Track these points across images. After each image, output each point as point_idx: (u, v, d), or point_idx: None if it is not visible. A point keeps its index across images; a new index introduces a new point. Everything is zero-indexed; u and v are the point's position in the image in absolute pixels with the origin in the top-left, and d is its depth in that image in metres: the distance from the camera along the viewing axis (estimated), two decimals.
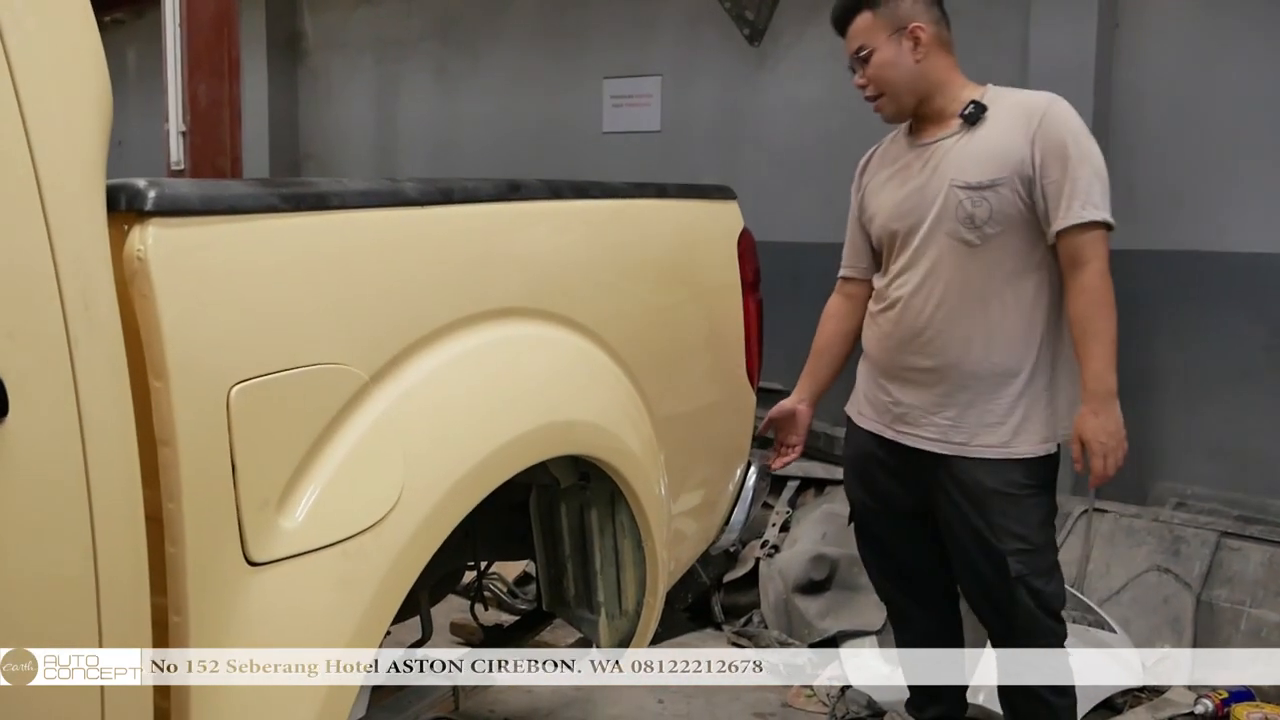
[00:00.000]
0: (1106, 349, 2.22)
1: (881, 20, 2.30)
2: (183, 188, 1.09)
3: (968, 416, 2.30)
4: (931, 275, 2.29)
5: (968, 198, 2.22)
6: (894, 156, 2.44)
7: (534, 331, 1.61)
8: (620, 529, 1.97)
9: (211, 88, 4.42)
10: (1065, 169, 2.17)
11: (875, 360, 2.47)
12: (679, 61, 4.99)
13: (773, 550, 3.79)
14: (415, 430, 1.31)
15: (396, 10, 6.00)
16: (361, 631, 1.21)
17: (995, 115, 2.25)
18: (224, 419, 1.08)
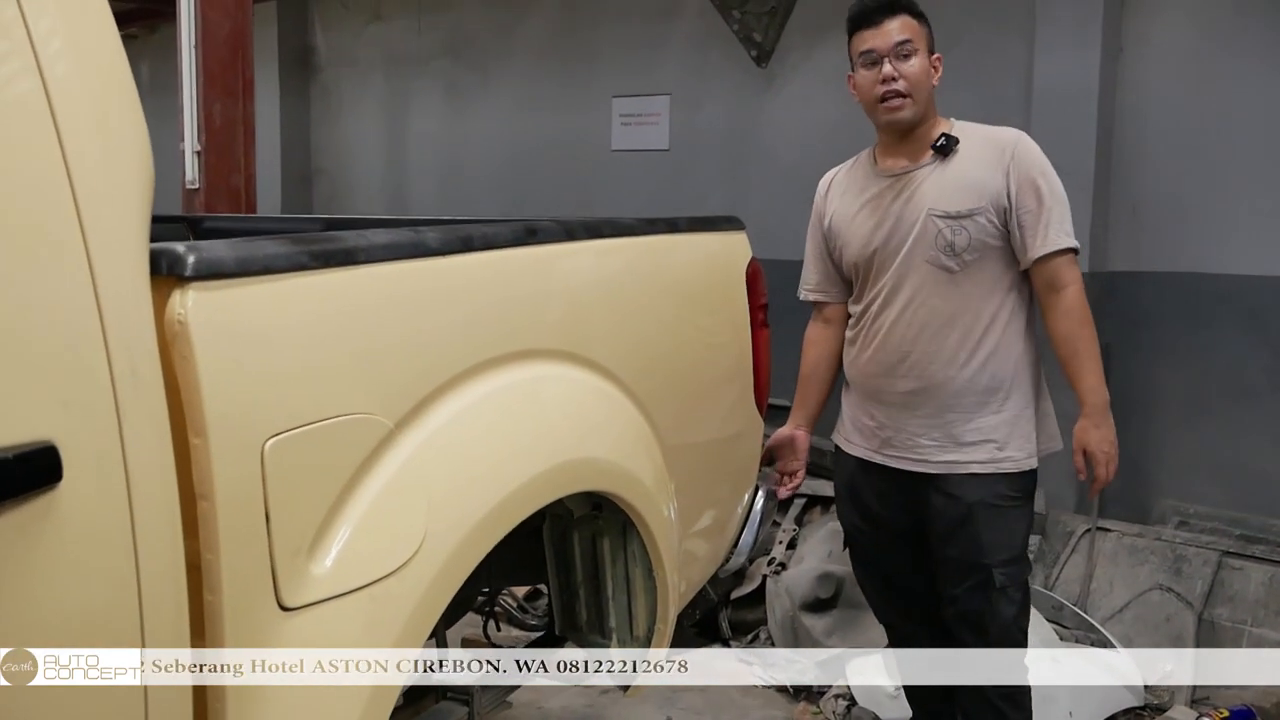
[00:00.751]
0: (1096, 364, 2.33)
1: (925, 33, 2.35)
2: (219, 250, 1.15)
3: (954, 435, 2.36)
4: (912, 301, 2.36)
5: (947, 226, 2.30)
6: (860, 186, 2.48)
7: (549, 372, 1.67)
8: (632, 557, 2.02)
9: (226, 107, 4.49)
10: (1040, 200, 2.28)
11: (859, 386, 2.52)
12: (687, 81, 5.05)
13: (780, 568, 3.84)
14: (437, 474, 1.37)
15: (407, 28, 6.07)
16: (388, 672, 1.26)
17: (966, 148, 2.33)
18: (259, 472, 1.14)
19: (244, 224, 3.47)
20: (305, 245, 1.25)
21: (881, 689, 3.31)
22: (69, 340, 0.98)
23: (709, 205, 4.91)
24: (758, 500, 2.62)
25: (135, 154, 1.09)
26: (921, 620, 2.66)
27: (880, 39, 2.31)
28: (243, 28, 4.54)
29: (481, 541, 1.43)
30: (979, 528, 2.35)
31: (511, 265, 1.63)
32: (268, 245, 1.21)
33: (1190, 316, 3.84)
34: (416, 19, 6.00)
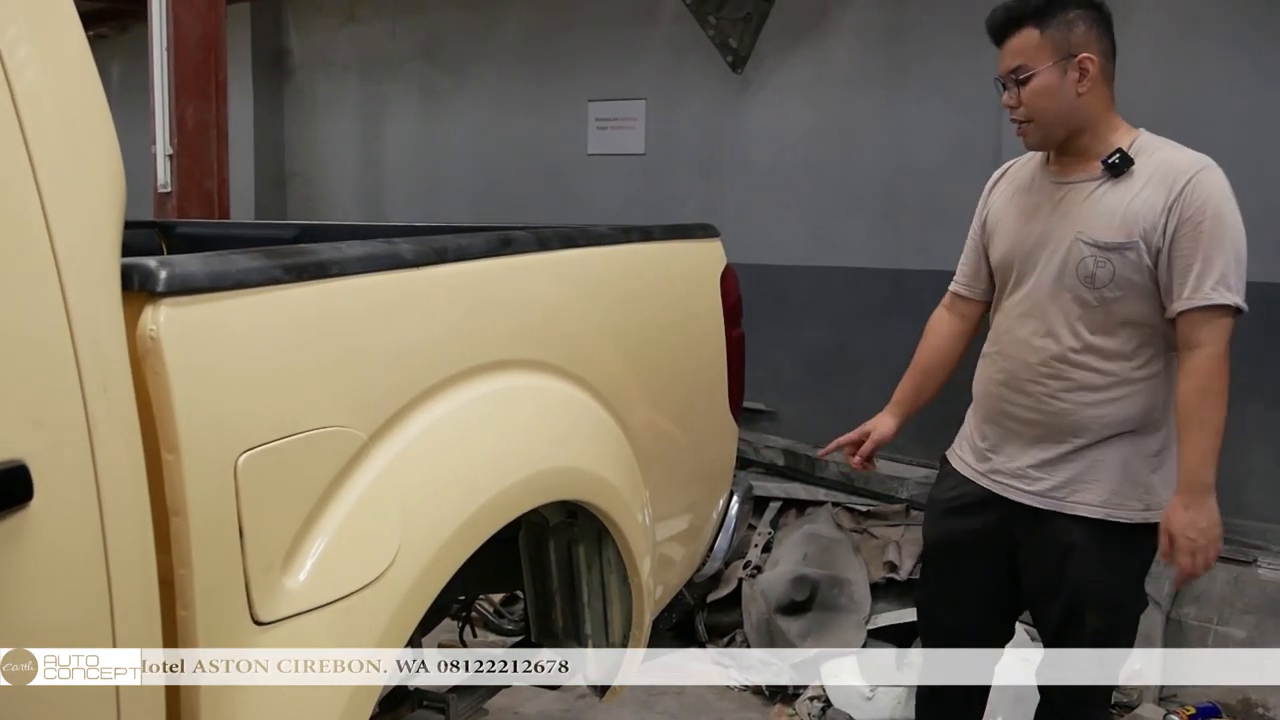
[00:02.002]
0: (1209, 441, 2.04)
1: (1049, 42, 2.09)
2: (191, 265, 1.15)
3: (1068, 473, 2.18)
4: (1043, 324, 2.18)
5: (1092, 256, 2.10)
6: (1025, 184, 2.29)
7: (524, 382, 1.67)
8: (607, 564, 2.03)
9: (199, 110, 4.47)
10: (1198, 244, 2.03)
11: (980, 405, 2.37)
12: (663, 86, 5.06)
13: (755, 571, 3.86)
14: (412, 486, 1.37)
15: (382, 30, 6.05)
16: (362, 686, 1.27)
17: (1140, 170, 2.09)
18: (232, 487, 1.14)
19: (217, 230, 3.45)
20: (278, 259, 1.26)
21: (856, 689, 3.33)
22: (39, 358, 0.98)
23: (684, 209, 4.93)
24: (733, 504, 2.64)
25: (106, 166, 1.09)
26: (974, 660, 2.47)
27: (1001, 63, 2.15)
28: (215, 29, 4.51)
29: (457, 552, 1.43)
30: (1080, 569, 2.19)
31: (486, 276, 1.63)
32: (240, 259, 1.21)
33: None
34: (391, 22, 5.99)
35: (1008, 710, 3.00)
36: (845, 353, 4.58)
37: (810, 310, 4.66)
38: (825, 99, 4.61)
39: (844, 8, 4.53)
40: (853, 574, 3.73)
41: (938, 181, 4.27)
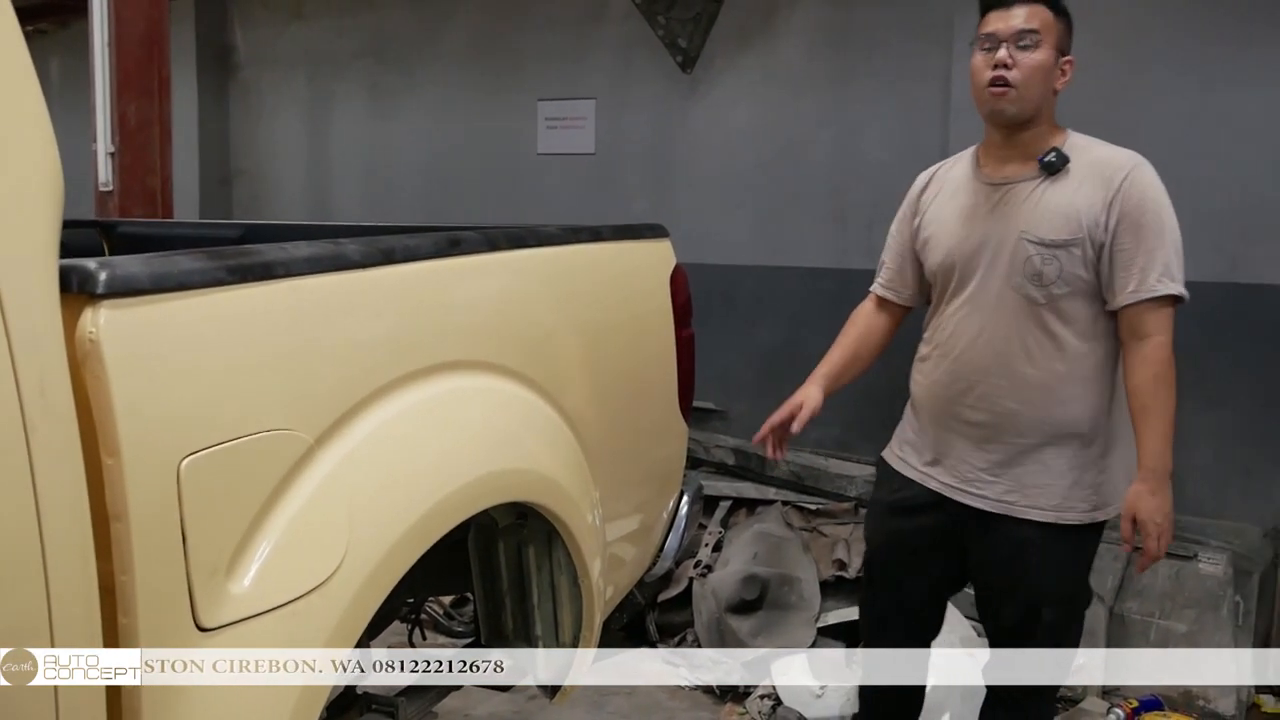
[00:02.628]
0: (1166, 426, 2.09)
1: (1058, 29, 2.15)
2: (132, 266, 1.13)
3: (1018, 476, 2.20)
4: (990, 326, 2.19)
5: (1038, 254, 2.12)
6: (958, 186, 2.31)
7: (472, 383, 1.66)
8: (557, 565, 2.03)
9: (141, 107, 4.39)
10: (1140, 238, 2.09)
11: (924, 408, 2.36)
12: (613, 85, 5.06)
13: (706, 570, 3.87)
14: (360, 489, 1.36)
15: (329, 27, 5.99)
16: (309, 690, 1.25)
17: (1075, 168, 2.13)
18: (175, 491, 1.12)
19: (160, 229, 3.40)
20: (222, 260, 1.24)
21: (806, 688, 3.35)
22: None
23: (634, 208, 4.93)
24: (683, 504, 2.65)
25: (43, 164, 1.07)
26: (911, 644, 2.52)
27: (1004, 22, 2.12)
28: (158, 25, 4.44)
29: (405, 555, 1.42)
30: (1035, 570, 2.21)
31: (434, 277, 1.62)
32: (183, 260, 1.20)
33: None
34: (339, 19, 5.93)
35: (955, 707, 3.03)
36: (794, 352, 4.59)
37: (759, 309, 4.68)
38: (774, 99, 4.64)
39: (792, 9, 4.56)
40: (802, 572, 3.76)
41: (884, 181, 4.29)
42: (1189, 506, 3.81)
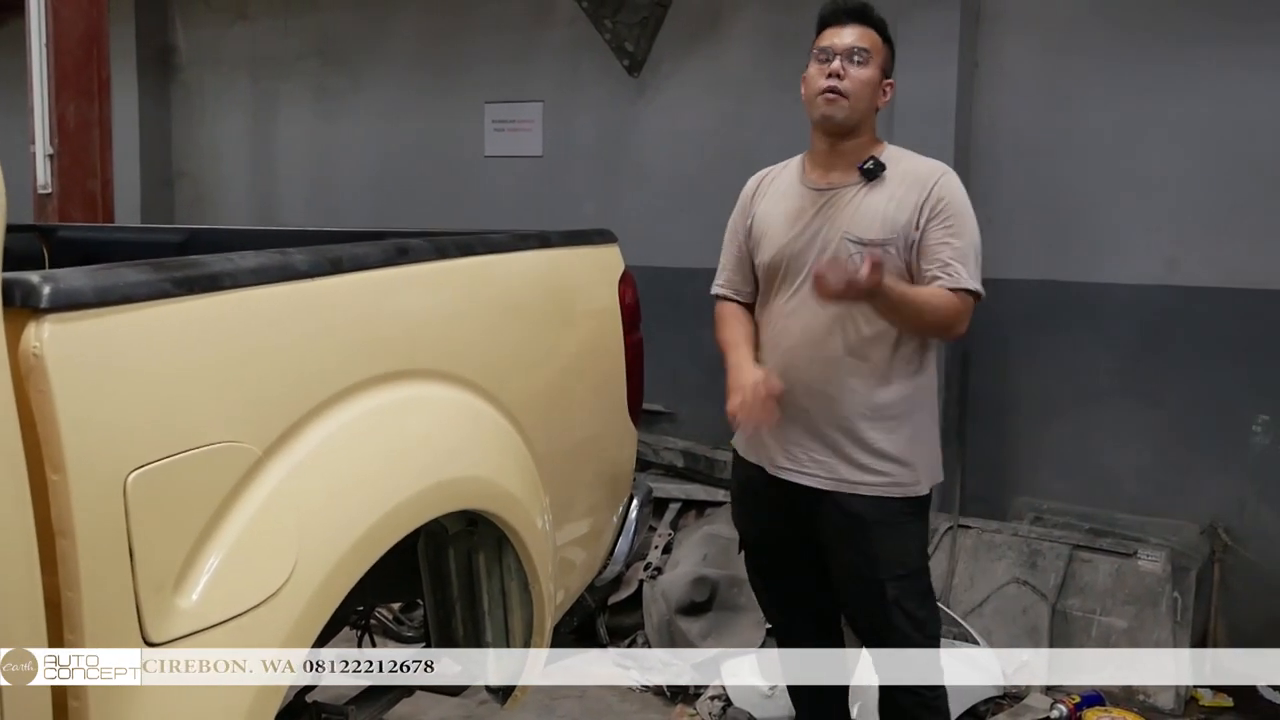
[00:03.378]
0: (911, 296, 2.25)
1: (884, 51, 2.42)
2: (76, 279, 1.12)
3: (848, 455, 2.39)
4: (812, 320, 2.39)
5: (858, 252, 2.29)
6: (785, 190, 2.51)
7: (422, 392, 1.66)
8: (507, 571, 2.03)
9: (81, 108, 4.33)
10: (945, 235, 2.31)
11: None
12: (560, 88, 5.07)
13: (655, 572, 3.89)
14: (309, 501, 1.36)
15: (273, 28, 5.93)
16: (259, 702, 1.25)
17: (891, 176, 2.36)
18: (121, 506, 1.11)
19: (101, 234, 3.35)
20: (168, 272, 1.23)
21: (756, 689, 3.38)
22: None
23: (582, 211, 4.93)
24: (633, 508, 2.66)
25: None
26: (806, 623, 2.72)
27: (838, 38, 2.36)
28: (98, 25, 4.37)
29: (356, 565, 1.42)
30: (869, 542, 2.40)
31: (382, 286, 1.62)
32: (128, 273, 1.19)
33: (1042, 323, 4.03)
34: (284, 20, 5.87)
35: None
36: None
37: (708, 312, 4.68)
38: (720, 103, 4.67)
39: (737, 14, 4.60)
40: None
41: None
42: (1127, 505, 3.91)
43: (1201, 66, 3.75)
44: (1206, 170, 3.78)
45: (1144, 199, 3.85)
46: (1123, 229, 3.91)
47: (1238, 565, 3.78)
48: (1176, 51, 3.79)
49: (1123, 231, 3.91)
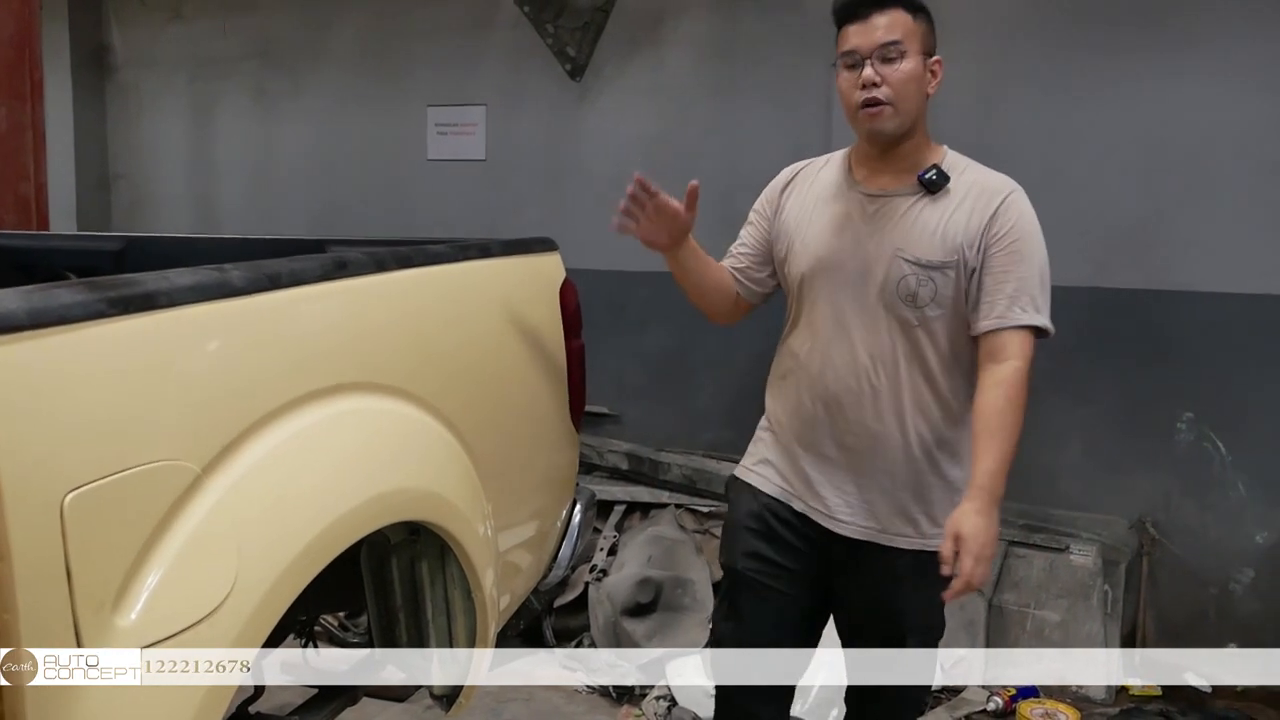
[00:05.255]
0: (1008, 450, 1.98)
1: (920, 30, 2.05)
2: (10, 301, 1.12)
3: (885, 502, 2.13)
4: (859, 345, 2.10)
5: (913, 274, 2.04)
6: (828, 191, 2.19)
7: (362, 405, 1.67)
8: (450, 579, 2.05)
9: (13, 111, 4.26)
10: (1010, 265, 2.02)
11: (787, 428, 2.24)
12: (503, 92, 5.08)
13: (601, 575, 3.92)
14: (248, 516, 1.37)
15: (211, 29, 5.86)
16: (201, 716, 1.26)
17: (954, 189, 2.07)
18: (58, 528, 1.12)
19: (34, 242, 3.31)
20: (103, 291, 1.23)
21: (701, 688, 3.42)
22: None
23: (525, 214, 4.95)
24: (576, 512, 2.69)
25: None
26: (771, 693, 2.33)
27: (864, 37, 2.02)
28: (29, 26, 4.30)
29: (297, 578, 1.43)
30: (897, 600, 2.15)
31: (321, 301, 1.63)
32: (63, 293, 1.19)
33: None
34: (222, 20, 5.81)
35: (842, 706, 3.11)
36: (685, 356, 4.68)
37: (650, 315, 4.74)
38: (662, 107, 4.71)
39: (679, 19, 4.64)
40: (696, 574, 3.83)
41: None
42: (1060, 501, 4.01)
43: (1125, 76, 3.86)
44: (1131, 176, 3.89)
45: (1073, 204, 3.95)
46: (1053, 232, 3.97)
47: (1164, 558, 3.90)
48: (1101, 61, 3.89)
49: (1053, 235, 3.97)
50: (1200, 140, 3.77)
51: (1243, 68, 3.70)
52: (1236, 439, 3.82)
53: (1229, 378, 3.80)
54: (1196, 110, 3.77)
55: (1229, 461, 3.82)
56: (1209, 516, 3.86)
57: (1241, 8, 3.70)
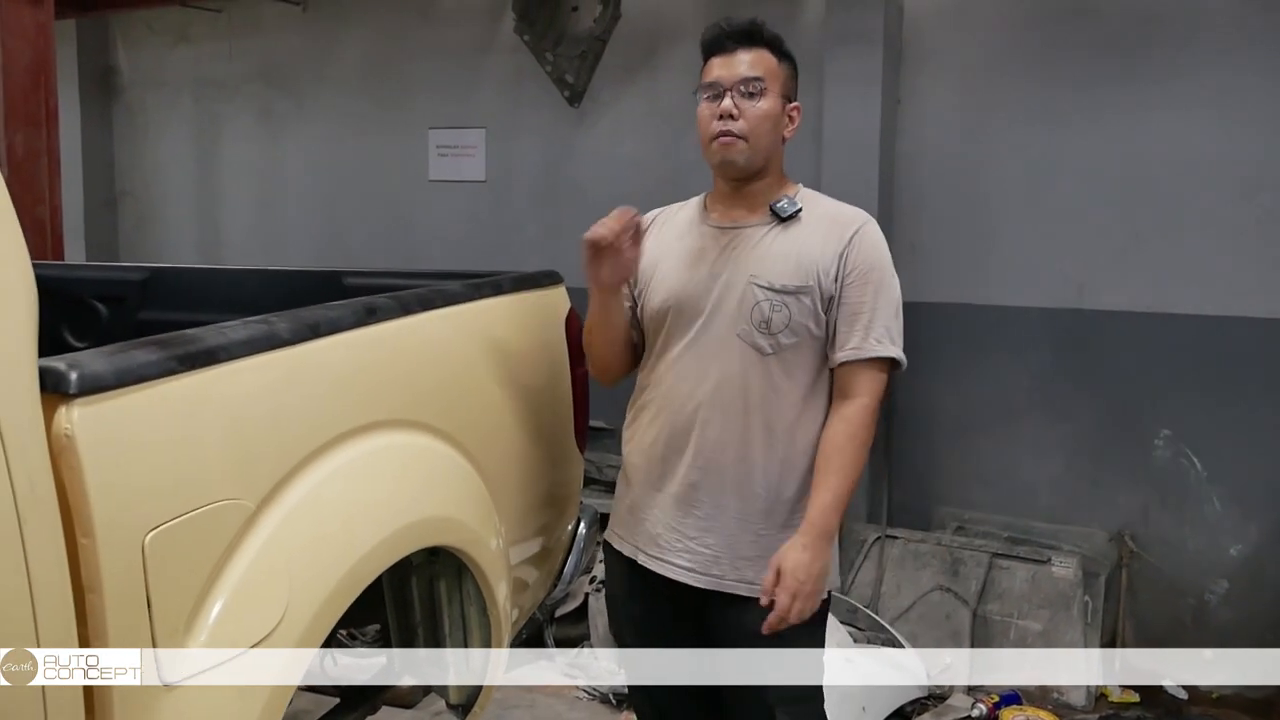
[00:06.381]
0: (845, 486, 1.96)
1: (782, 73, 2.07)
2: (98, 364, 1.27)
3: (730, 545, 2.03)
4: (709, 376, 2.04)
5: (766, 300, 2.00)
6: (684, 231, 2.18)
7: (390, 441, 1.82)
8: (467, 597, 2.19)
9: (29, 137, 4.40)
10: (865, 294, 2.00)
11: (635, 467, 2.18)
12: (502, 116, 5.22)
13: (601, 585, 4.06)
14: (296, 547, 1.52)
15: (217, 52, 6.00)
16: None
17: (807, 218, 2.06)
18: (140, 563, 1.27)
19: (60, 272, 3.45)
20: (172, 350, 1.38)
21: None
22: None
23: (524, 235, 5.10)
24: (580, 528, 2.83)
25: (20, 278, 1.21)
26: None
27: (727, 69, 2.04)
28: (44, 54, 4.45)
29: (339, 603, 1.59)
30: (753, 660, 2.02)
31: (354, 346, 1.78)
32: (139, 354, 1.34)
33: (963, 343, 4.29)
34: (227, 43, 5.95)
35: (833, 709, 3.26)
36: None
37: None
38: (658, 132, 4.86)
39: (673, 47, 4.79)
40: None
41: None
42: (1042, 514, 4.17)
43: (1104, 107, 4.02)
44: (1110, 202, 4.06)
45: (1054, 228, 4.12)
46: (1035, 256, 4.17)
47: (1143, 570, 4.06)
48: (1082, 93, 4.06)
49: (1035, 258, 4.17)
50: (1176, 168, 3.94)
51: (1216, 99, 3.87)
52: (1212, 455, 3.98)
53: (1205, 397, 3.96)
54: (1173, 139, 3.94)
55: (1205, 477, 3.99)
56: (1186, 529, 4.03)
57: (1215, 43, 3.86)
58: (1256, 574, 3.92)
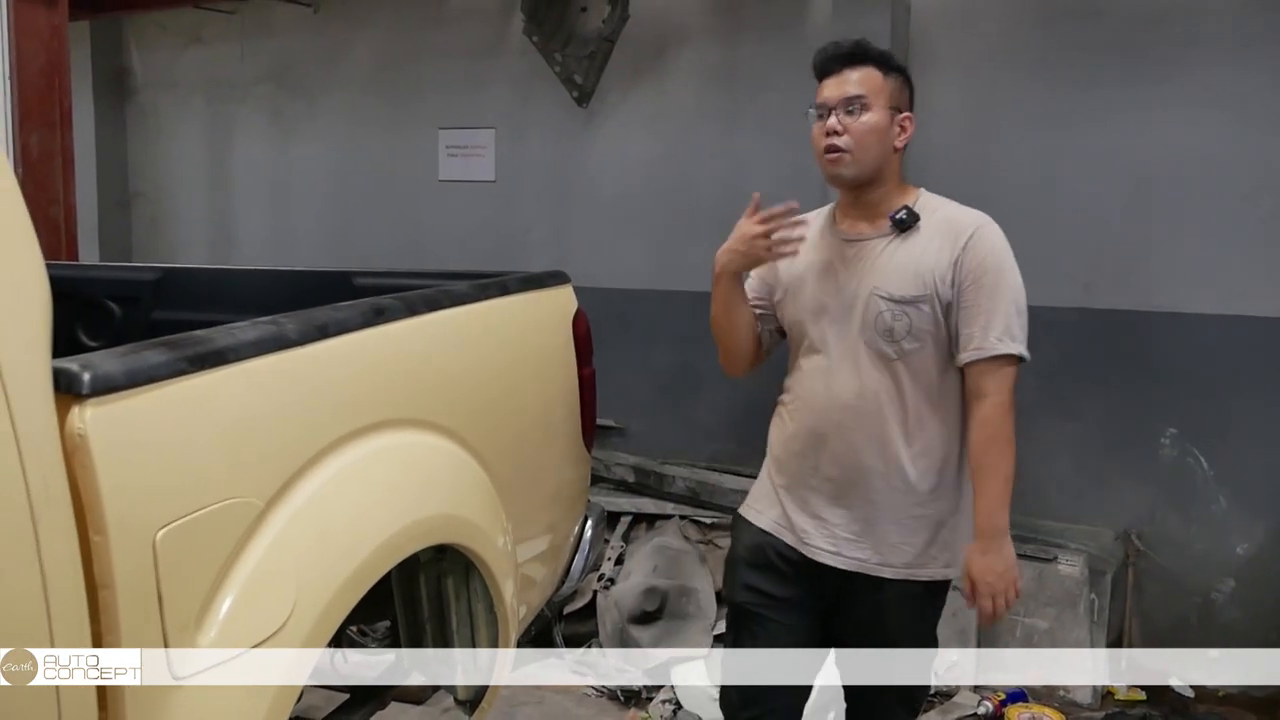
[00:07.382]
0: (1001, 486, 2.15)
1: (889, 87, 2.20)
2: (109, 365, 1.30)
3: (872, 533, 2.23)
4: (843, 381, 2.22)
5: (888, 310, 2.16)
6: (815, 241, 2.31)
7: (398, 440, 1.85)
8: (474, 594, 2.22)
9: (43, 138, 4.44)
10: (981, 296, 2.14)
11: (779, 460, 2.38)
12: (511, 116, 5.25)
13: (609, 583, 4.09)
14: (304, 545, 1.55)
15: (229, 54, 6.04)
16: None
17: (925, 226, 2.19)
18: (152, 561, 1.30)
19: (74, 272, 3.49)
20: (182, 350, 1.41)
21: (704, 690, 3.60)
22: None
23: (533, 235, 5.14)
24: (587, 527, 2.86)
25: (34, 281, 1.24)
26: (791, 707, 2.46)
27: (833, 90, 2.20)
28: (59, 57, 4.49)
29: (346, 600, 1.62)
30: (888, 632, 2.26)
31: (362, 346, 1.81)
32: (150, 355, 1.37)
33: None
34: (239, 45, 5.99)
35: (839, 707, 3.27)
36: (689, 371, 4.85)
37: (654, 331, 4.92)
38: (665, 132, 4.88)
39: (682, 48, 4.81)
40: (699, 583, 4.00)
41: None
42: (1049, 513, 4.17)
43: (1110, 107, 4.03)
44: (1116, 203, 4.06)
45: (1061, 229, 4.12)
46: (1043, 255, 4.16)
47: (1149, 568, 4.07)
48: (1087, 93, 4.06)
49: (1043, 258, 4.16)
50: (1182, 168, 3.94)
51: (1221, 98, 3.87)
52: (1218, 454, 3.98)
53: (1211, 396, 3.96)
54: (1178, 139, 3.94)
55: (1211, 476, 3.99)
56: (1192, 528, 4.03)
57: (1221, 43, 3.87)
58: (1263, 573, 3.93)
